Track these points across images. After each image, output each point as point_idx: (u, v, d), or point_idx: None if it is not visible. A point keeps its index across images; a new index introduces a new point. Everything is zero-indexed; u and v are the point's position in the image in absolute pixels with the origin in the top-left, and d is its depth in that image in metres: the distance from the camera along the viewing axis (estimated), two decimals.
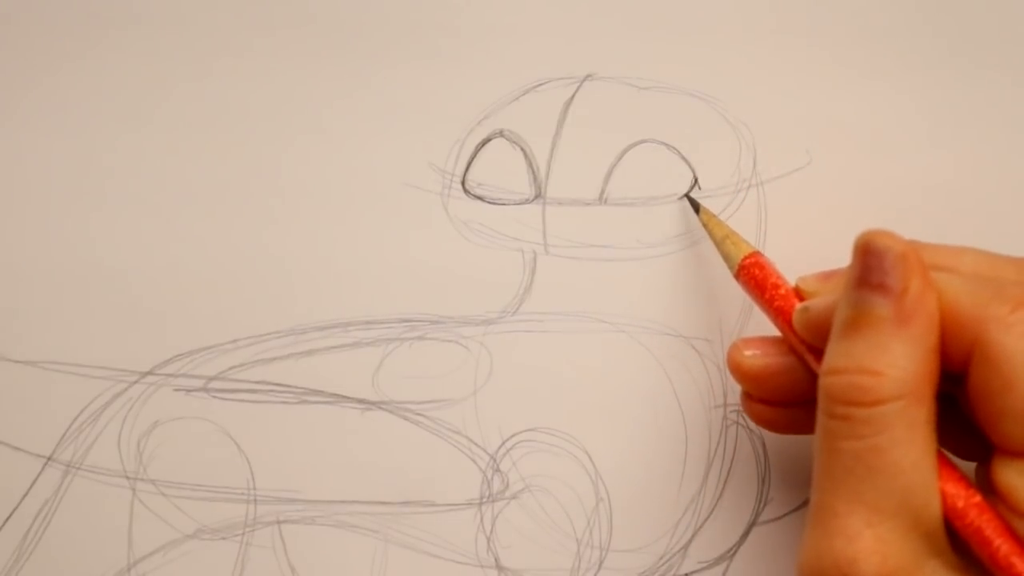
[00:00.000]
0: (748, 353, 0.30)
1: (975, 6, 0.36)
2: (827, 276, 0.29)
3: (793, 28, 0.36)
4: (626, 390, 0.34)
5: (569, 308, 0.35)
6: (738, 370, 0.30)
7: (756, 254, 0.31)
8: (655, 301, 0.34)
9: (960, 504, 0.25)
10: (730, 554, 0.34)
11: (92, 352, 0.35)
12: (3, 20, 0.37)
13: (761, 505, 0.34)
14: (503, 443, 0.35)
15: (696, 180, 0.35)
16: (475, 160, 0.36)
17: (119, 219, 0.36)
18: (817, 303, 0.28)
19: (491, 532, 0.34)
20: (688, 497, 0.34)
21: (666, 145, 0.35)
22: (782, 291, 0.30)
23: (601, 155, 0.35)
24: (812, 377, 0.28)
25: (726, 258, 0.32)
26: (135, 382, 0.35)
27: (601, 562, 0.34)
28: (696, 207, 0.34)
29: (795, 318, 0.29)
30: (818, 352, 0.28)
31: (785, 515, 0.34)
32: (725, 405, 0.34)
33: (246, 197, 0.36)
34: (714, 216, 0.34)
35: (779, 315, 0.30)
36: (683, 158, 0.35)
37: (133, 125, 0.36)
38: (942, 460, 0.26)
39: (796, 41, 0.36)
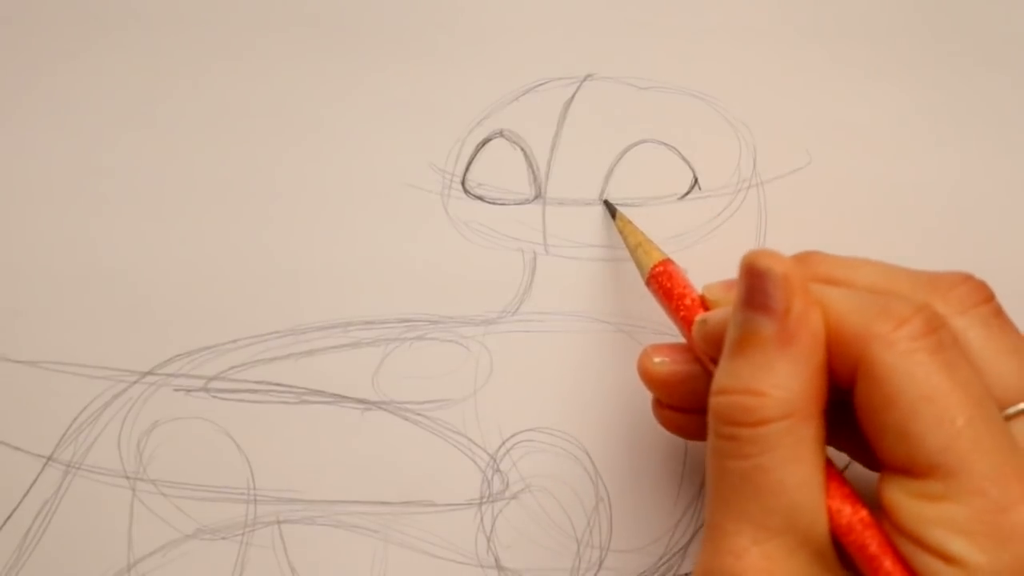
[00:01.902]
0: (657, 360, 0.30)
1: (975, 6, 0.36)
2: (732, 285, 0.29)
3: (793, 28, 0.36)
4: (626, 390, 0.34)
5: (569, 308, 0.35)
6: (646, 376, 0.30)
7: (666, 262, 0.31)
8: (655, 301, 0.34)
9: (845, 520, 0.25)
10: None
11: (92, 352, 0.35)
12: (3, 20, 0.37)
13: None
14: (503, 443, 0.35)
15: (696, 180, 0.35)
16: (475, 160, 0.36)
17: (119, 219, 0.36)
18: (714, 316, 0.28)
19: (491, 532, 0.34)
20: (688, 497, 0.34)
21: (666, 145, 0.35)
22: (687, 301, 0.30)
23: (601, 155, 0.35)
24: None
25: (637, 265, 0.33)
26: (135, 382, 0.35)
27: (601, 562, 0.34)
28: (613, 212, 0.34)
29: (694, 330, 0.29)
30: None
31: None
32: None
33: (246, 197, 0.36)
34: (630, 223, 0.34)
35: (684, 324, 0.30)
36: (683, 158, 0.35)
37: (133, 125, 0.36)
38: (832, 476, 0.26)
39: (797, 41, 0.36)
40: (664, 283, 0.31)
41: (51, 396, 0.35)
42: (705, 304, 0.30)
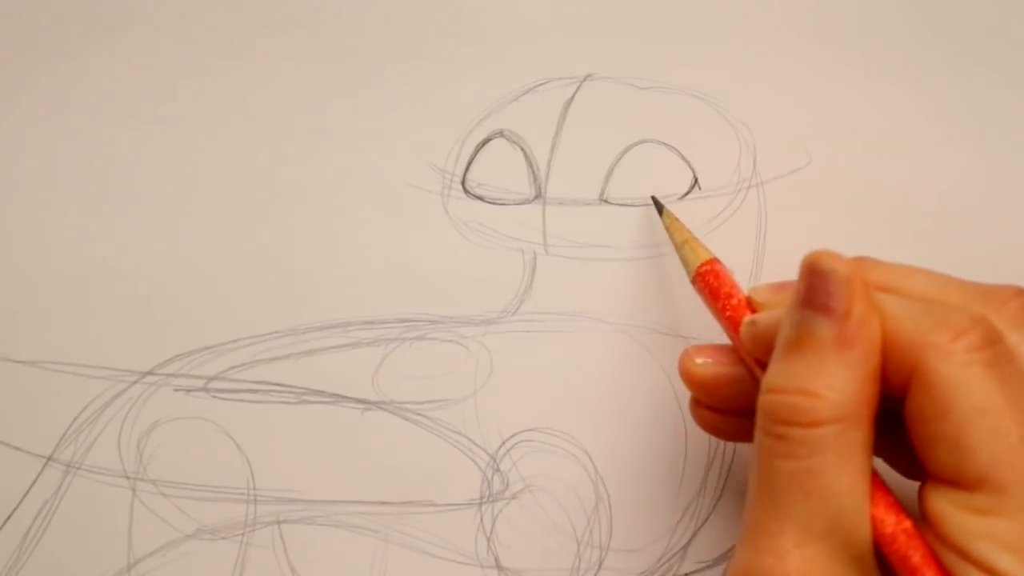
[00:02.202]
0: (699, 361, 0.30)
1: (975, 6, 0.36)
2: (780, 287, 0.29)
3: (793, 28, 0.36)
4: (626, 390, 0.34)
5: (569, 308, 0.35)
6: (688, 377, 0.30)
7: (713, 261, 0.31)
8: (655, 301, 0.34)
9: (889, 530, 0.25)
10: (730, 555, 0.34)
11: (92, 352, 0.35)
12: (3, 19, 0.37)
13: None
14: (503, 443, 0.35)
15: (696, 180, 0.35)
16: (475, 160, 0.36)
17: (119, 219, 0.36)
18: (764, 317, 0.28)
19: (491, 532, 0.34)
20: (688, 497, 0.34)
21: (666, 145, 0.35)
22: (734, 301, 0.30)
23: (601, 155, 0.35)
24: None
25: (684, 263, 0.32)
26: (135, 382, 0.35)
27: (601, 562, 0.34)
28: (660, 209, 0.34)
29: (742, 331, 0.29)
30: (764, 365, 0.27)
31: None
32: None
33: (246, 197, 0.36)
34: (677, 220, 0.33)
35: (730, 325, 0.30)
36: (683, 158, 0.35)
37: (133, 125, 0.36)
38: (876, 484, 0.26)
39: (796, 41, 0.36)
40: (711, 282, 0.31)
41: (51, 396, 0.35)
42: (751, 305, 0.30)
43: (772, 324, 0.27)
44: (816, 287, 0.26)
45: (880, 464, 0.29)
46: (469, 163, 0.36)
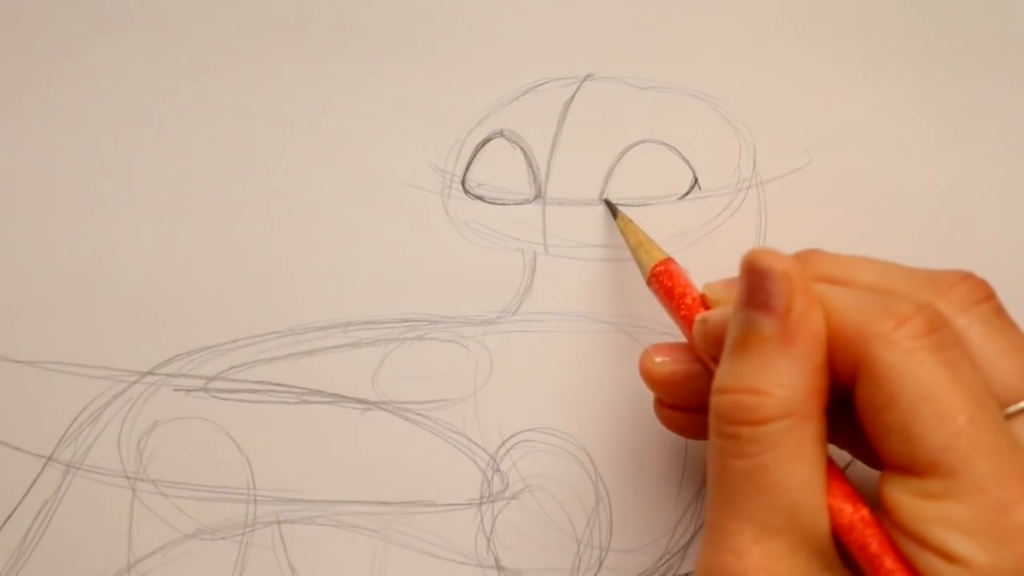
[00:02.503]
0: (658, 359, 0.30)
1: (975, 6, 0.36)
2: (732, 283, 0.29)
3: (793, 28, 0.36)
4: (626, 390, 0.34)
5: (569, 308, 0.35)
6: (648, 375, 0.30)
7: (667, 261, 0.31)
8: (655, 301, 0.34)
9: (846, 519, 0.25)
10: None
11: (92, 352, 0.35)
12: (2, 20, 0.36)
13: None
14: (503, 443, 0.35)
15: (696, 180, 0.35)
16: (475, 160, 0.36)
17: (119, 219, 0.36)
18: (714, 315, 0.28)
19: (491, 532, 0.34)
20: (688, 497, 0.34)
21: (666, 145, 0.35)
22: (688, 300, 0.30)
23: (601, 155, 0.35)
24: None
25: (639, 265, 0.32)
26: (135, 382, 0.35)
27: (601, 562, 0.34)
28: (614, 212, 0.34)
29: (695, 329, 0.29)
30: (719, 363, 0.28)
31: None
32: None
33: (246, 197, 0.36)
34: (631, 222, 0.34)
35: (685, 324, 0.30)
36: (683, 158, 0.35)
37: (133, 125, 0.36)
38: (833, 475, 0.26)
39: (796, 41, 0.36)
40: (665, 282, 0.31)
41: (51, 396, 0.35)
42: (706, 303, 0.30)
43: (722, 321, 0.27)
44: (756, 286, 0.26)
45: (845, 456, 0.29)
46: (469, 163, 0.36)
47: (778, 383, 0.25)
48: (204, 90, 0.36)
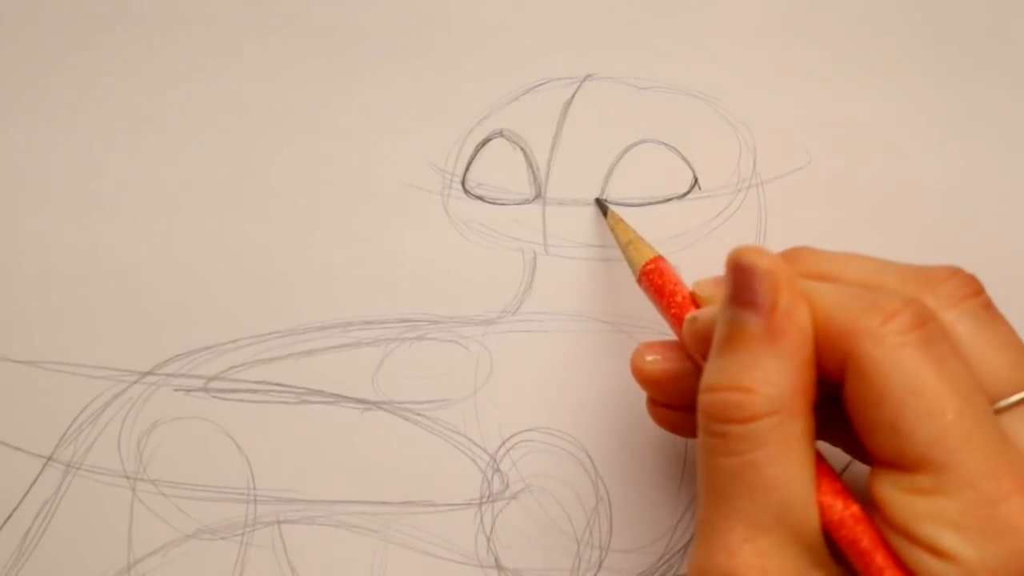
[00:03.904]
0: (649, 358, 0.30)
1: (975, 6, 0.36)
2: (722, 281, 0.29)
3: (793, 28, 0.36)
4: (626, 390, 0.34)
5: (569, 308, 0.35)
6: (639, 374, 0.30)
7: (658, 259, 0.31)
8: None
9: (837, 516, 0.25)
10: None
11: (92, 352, 0.35)
12: (1, 20, 0.37)
13: None
14: (503, 443, 0.35)
15: (696, 180, 0.35)
16: (475, 160, 0.36)
17: (119, 219, 0.36)
18: (703, 314, 0.28)
19: (491, 532, 0.34)
20: (688, 497, 0.34)
21: (666, 145, 0.35)
22: (678, 298, 0.30)
23: (601, 155, 0.35)
24: None
25: (629, 263, 0.32)
26: (135, 382, 0.35)
27: (601, 562, 0.34)
28: (604, 211, 0.34)
29: (684, 328, 0.29)
30: None
31: None
32: None
33: (246, 197, 0.36)
34: (621, 220, 0.34)
35: (675, 322, 0.30)
36: (683, 158, 0.35)
37: (133, 124, 0.36)
38: (822, 471, 0.26)
39: (796, 41, 0.36)
40: (655, 280, 0.31)
41: (51, 396, 0.35)
42: (696, 301, 0.30)
43: (711, 319, 0.27)
44: (741, 284, 0.26)
45: (844, 458, 0.29)
46: (469, 163, 0.36)
47: (764, 380, 0.25)
48: (204, 90, 0.36)
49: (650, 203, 0.35)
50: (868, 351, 0.24)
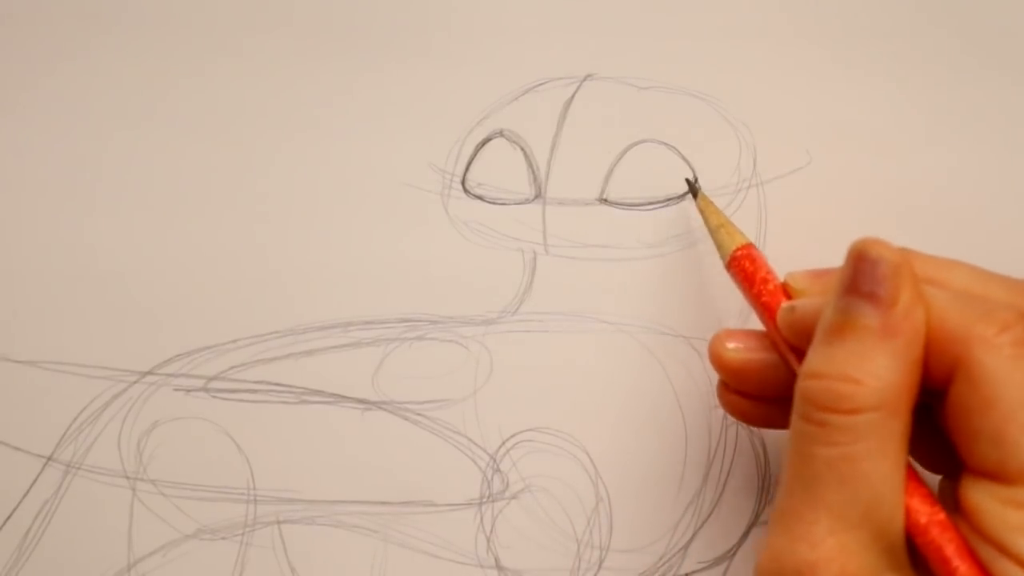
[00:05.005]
0: (731, 346, 0.30)
1: (975, 6, 0.36)
2: (818, 274, 0.29)
3: (793, 28, 0.36)
4: (626, 390, 0.34)
5: (569, 308, 0.35)
6: (719, 362, 0.30)
7: (749, 246, 0.31)
8: (655, 301, 0.34)
9: (924, 520, 0.25)
10: (730, 554, 0.34)
11: (92, 352, 0.35)
12: (0, 19, 0.37)
13: (761, 505, 0.34)
14: (503, 443, 0.35)
15: (696, 180, 0.35)
16: (475, 160, 0.36)
17: (118, 219, 0.36)
18: (804, 303, 0.28)
19: (491, 532, 0.34)
20: (688, 497, 0.34)
21: (666, 145, 0.35)
22: (770, 287, 0.30)
23: (601, 155, 0.35)
24: (792, 375, 0.28)
25: (719, 247, 0.32)
26: (135, 382, 0.35)
27: (601, 562, 0.34)
28: (695, 192, 0.34)
29: (780, 316, 0.29)
30: (800, 352, 0.27)
31: None
32: None
33: (246, 196, 0.36)
34: (712, 203, 0.33)
35: (765, 311, 0.29)
36: (683, 158, 0.35)
37: (132, 124, 0.36)
38: (910, 474, 0.25)
39: (796, 41, 0.36)
40: (746, 267, 0.30)
41: (51, 396, 0.35)
42: (787, 292, 0.29)
43: (810, 311, 0.27)
44: (863, 273, 0.26)
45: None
46: (469, 163, 0.36)
47: (874, 374, 0.25)
48: (203, 89, 0.36)
49: (650, 203, 0.35)
50: (981, 358, 0.24)
